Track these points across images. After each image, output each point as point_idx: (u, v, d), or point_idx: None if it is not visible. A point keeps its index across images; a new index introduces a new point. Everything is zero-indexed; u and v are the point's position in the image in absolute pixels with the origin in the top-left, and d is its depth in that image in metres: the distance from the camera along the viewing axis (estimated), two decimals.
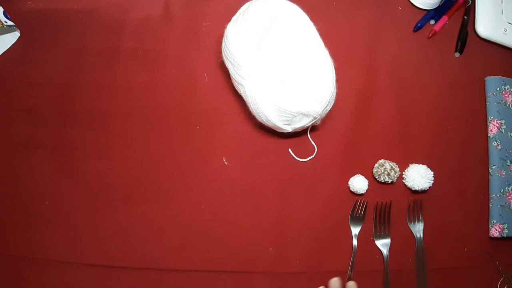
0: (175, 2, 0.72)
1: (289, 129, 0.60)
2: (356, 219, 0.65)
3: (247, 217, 0.65)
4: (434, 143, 0.70)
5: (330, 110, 0.61)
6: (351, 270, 0.63)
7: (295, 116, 0.58)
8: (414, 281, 0.64)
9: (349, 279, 0.62)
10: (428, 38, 0.74)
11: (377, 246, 0.65)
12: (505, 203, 0.68)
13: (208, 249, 0.63)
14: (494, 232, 0.66)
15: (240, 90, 0.60)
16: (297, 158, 0.67)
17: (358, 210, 0.66)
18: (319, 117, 0.60)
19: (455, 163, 0.69)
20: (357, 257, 0.64)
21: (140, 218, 0.64)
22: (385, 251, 0.64)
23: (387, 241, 0.65)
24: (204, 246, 0.64)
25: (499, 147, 0.69)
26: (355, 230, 0.65)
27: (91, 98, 0.68)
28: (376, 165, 0.66)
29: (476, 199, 0.69)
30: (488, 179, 0.69)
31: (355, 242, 0.64)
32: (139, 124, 0.67)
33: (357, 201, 0.66)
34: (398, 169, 0.66)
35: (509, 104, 0.72)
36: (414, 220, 0.66)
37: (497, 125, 0.70)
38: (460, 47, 0.73)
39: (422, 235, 0.65)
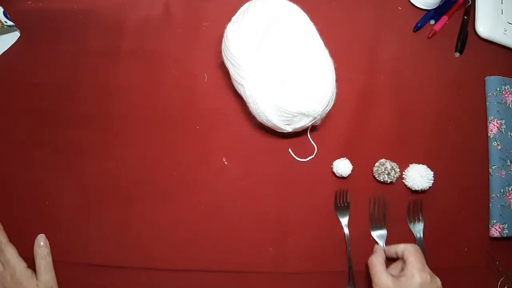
0: (175, 2, 0.72)
1: (289, 129, 0.60)
2: (341, 209, 0.65)
3: (247, 217, 0.65)
4: (434, 143, 0.70)
5: (330, 110, 0.61)
6: (349, 262, 0.63)
7: (295, 116, 0.58)
8: None
9: (349, 277, 0.62)
10: (428, 38, 0.74)
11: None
12: (505, 203, 0.68)
13: (208, 249, 0.63)
14: (494, 232, 0.66)
15: (240, 90, 0.60)
16: (297, 158, 0.67)
17: (341, 200, 0.66)
18: (319, 117, 0.60)
19: (455, 163, 0.69)
20: (357, 257, 0.64)
21: (140, 218, 0.64)
22: (381, 243, 0.64)
23: (383, 232, 0.65)
24: (204, 246, 0.64)
25: (499, 147, 0.69)
26: (344, 220, 0.65)
27: (91, 98, 0.68)
28: (377, 163, 0.66)
29: (476, 199, 0.69)
30: (488, 179, 0.69)
31: (346, 231, 0.65)
32: (139, 124, 0.67)
33: (337, 191, 0.66)
34: (398, 170, 0.66)
35: (509, 104, 0.72)
36: (414, 220, 0.66)
37: (497, 125, 0.70)
38: (460, 47, 0.73)
39: (422, 235, 0.65)
